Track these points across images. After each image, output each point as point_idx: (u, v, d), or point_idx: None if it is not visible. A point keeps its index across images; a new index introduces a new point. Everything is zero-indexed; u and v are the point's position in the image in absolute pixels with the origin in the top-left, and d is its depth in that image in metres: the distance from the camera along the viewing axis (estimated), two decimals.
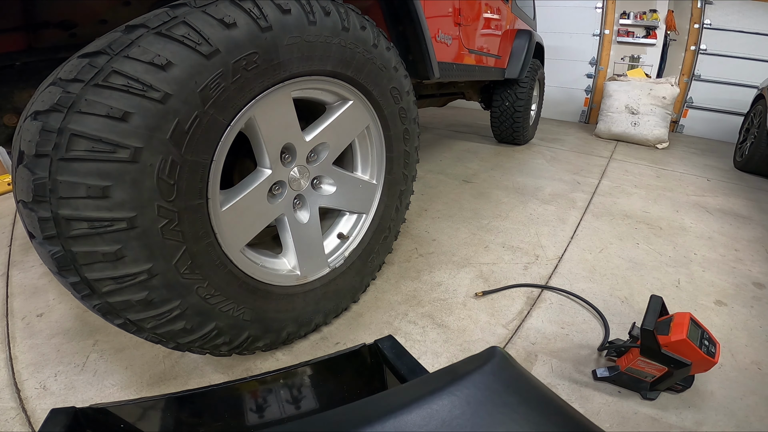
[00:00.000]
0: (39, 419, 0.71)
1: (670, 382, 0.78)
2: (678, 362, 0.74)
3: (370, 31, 0.79)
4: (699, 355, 0.73)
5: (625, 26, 4.41)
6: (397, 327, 0.97)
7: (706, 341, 0.75)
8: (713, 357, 0.73)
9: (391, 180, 0.99)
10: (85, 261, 0.50)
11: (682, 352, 0.74)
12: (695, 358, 0.73)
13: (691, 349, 0.73)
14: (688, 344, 0.73)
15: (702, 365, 0.74)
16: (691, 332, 0.75)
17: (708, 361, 0.73)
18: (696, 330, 0.76)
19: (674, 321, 0.78)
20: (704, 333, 0.77)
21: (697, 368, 0.75)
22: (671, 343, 0.74)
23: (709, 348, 0.75)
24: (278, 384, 0.60)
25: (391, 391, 0.39)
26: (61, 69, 0.50)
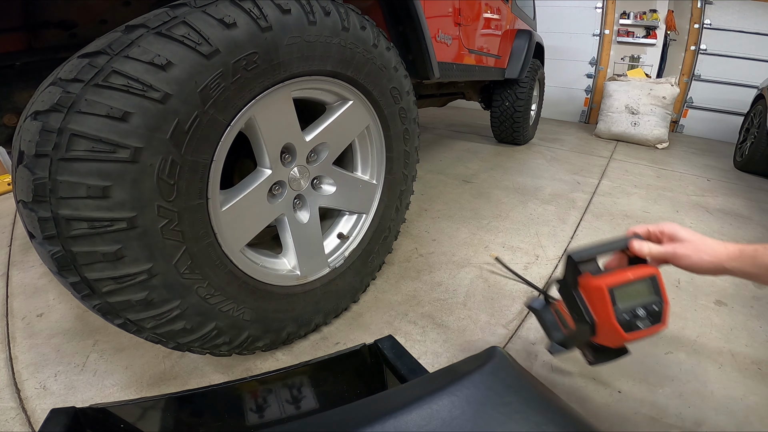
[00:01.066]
0: (39, 419, 0.71)
1: (576, 340, 0.62)
2: (581, 314, 0.57)
3: (370, 31, 0.79)
4: (608, 318, 0.54)
5: (625, 26, 4.41)
6: (397, 327, 0.97)
7: (642, 312, 0.56)
8: (626, 332, 0.55)
9: (391, 180, 0.99)
10: (85, 261, 0.50)
11: (593, 303, 0.57)
12: (602, 319, 0.56)
13: (602, 305, 0.55)
14: (602, 296, 0.55)
15: (609, 334, 0.56)
16: (628, 290, 0.56)
17: (616, 333, 0.55)
18: (643, 293, 0.57)
19: (626, 269, 0.60)
20: (654, 304, 0.57)
21: (604, 336, 0.57)
22: (587, 287, 0.57)
23: (633, 321, 0.55)
24: (278, 384, 0.60)
25: (391, 391, 0.39)
26: (61, 69, 0.50)
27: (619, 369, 0.85)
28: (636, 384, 0.82)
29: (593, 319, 0.57)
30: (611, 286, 0.56)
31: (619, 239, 0.62)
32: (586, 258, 0.60)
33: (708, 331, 1.00)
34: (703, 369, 0.87)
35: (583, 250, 0.59)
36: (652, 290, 0.58)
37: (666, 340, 0.95)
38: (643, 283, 0.58)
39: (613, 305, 0.55)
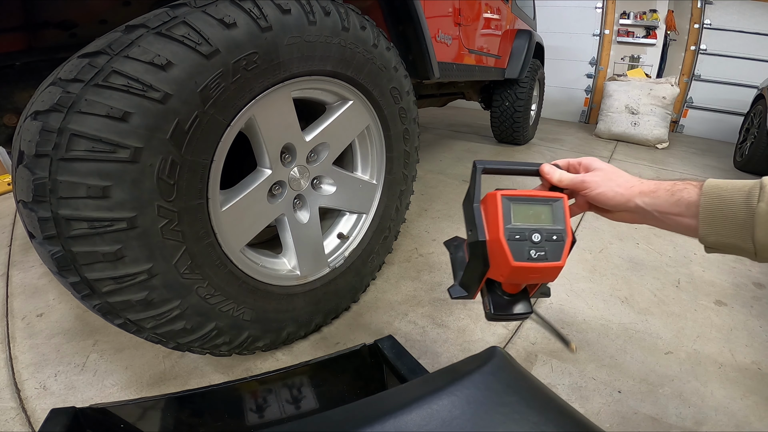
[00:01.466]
0: (39, 419, 0.71)
1: (474, 275, 0.52)
2: (474, 230, 0.49)
3: (370, 31, 0.79)
4: (497, 234, 0.45)
5: (625, 26, 4.41)
6: (397, 327, 0.97)
7: (538, 238, 0.46)
8: (514, 258, 0.44)
9: (391, 180, 0.99)
10: (85, 261, 0.50)
11: (488, 217, 0.48)
12: (492, 236, 0.47)
13: (494, 217, 0.47)
14: (494, 205, 0.47)
15: (498, 259, 0.46)
16: (526, 208, 0.47)
17: (504, 257, 0.45)
18: (544, 218, 0.48)
19: (533, 191, 0.53)
20: (555, 234, 0.46)
21: (494, 265, 0.48)
22: (486, 198, 0.49)
23: (526, 247, 0.45)
24: (278, 384, 0.60)
25: (391, 391, 0.39)
26: (61, 69, 0.50)
27: (619, 369, 0.85)
28: (636, 384, 0.82)
29: (484, 236, 0.48)
30: (507, 196, 0.48)
31: (532, 163, 0.56)
32: (491, 169, 0.53)
33: (708, 331, 1.00)
34: (703, 369, 0.87)
35: (490, 161, 0.53)
36: (554, 217, 0.48)
37: (666, 340, 0.95)
38: (546, 205, 0.49)
39: (506, 221, 0.46)
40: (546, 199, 0.49)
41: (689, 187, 0.47)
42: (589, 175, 0.54)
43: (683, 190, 0.47)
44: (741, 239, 0.43)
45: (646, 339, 0.95)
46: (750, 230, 0.42)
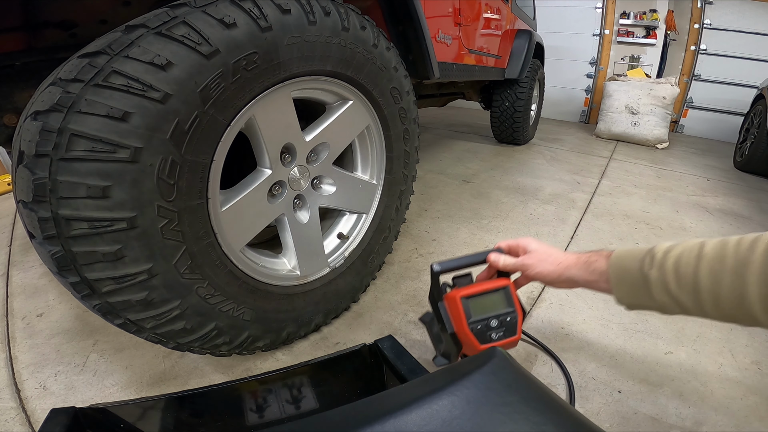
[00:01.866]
0: (39, 419, 0.70)
1: (453, 352, 0.64)
2: (443, 324, 0.62)
3: (370, 31, 0.79)
4: (463, 328, 0.59)
5: (625, 26, 4.41)
6: (397, 327, 0.97)
7: (495, 323, 0.60)
8: (480, 343, 0.59)
9: (391, 180, 0.99)
10: (85, 261, 0.50)
11: (452, 314, 0.62)
12: (459, 329, 0.61)
13: (457, 315, 0.60)
14: (456, 306, 0.60)
15: (467, 345, 0.61)
16: (481, 301, 0.61)
17: (471, 344, 0.59)
18: (497, 305, 0.61)
19: (483, 282, 0.65)
20: (508, 316, 0.61)
21: (466, 347, 0.62)
22: (448, 298, 0.63)
23: (487, 332, 0.59)
24: (278, 384, 0.60)
25: (391, 391, 0.39)
26: (61, 69, 0.50)
27: (619, 369, 0.85)
28: (636, 384, 0.82)
29: (453, 329, 0.61)
30: (465, 297, 0.60)
31: (480, 253, 0.68)
32: (447, 269, 0.64)
33: (708, 331, 1.00)
34: (703, 369, 0.87)
35: (445, 262, 0.64)
36: (505, 302, 0.62)
37: (666, 340, 0.95)
38: (496, 294, 0.62)
39: (467, 316, 0.59)
40: (495, 289, 0.63)
41: (600, 258, 0.58)
42: (526, 258, 0.65)
43: (596, 262, 0.59)
44: (645, 300, 0.52)
45: (646, 339, 0.94)
46: (650, 293, 0.51)
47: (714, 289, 0.46)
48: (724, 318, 0.47)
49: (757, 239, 0.44)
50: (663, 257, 0.51)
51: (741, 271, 0.43)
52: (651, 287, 0.51)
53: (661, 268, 0.50)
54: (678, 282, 0.48)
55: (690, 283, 0.47)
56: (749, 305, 0.43)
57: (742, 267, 0.43)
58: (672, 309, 0.51)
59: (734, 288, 0.44)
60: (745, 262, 0.43)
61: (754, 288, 0.42)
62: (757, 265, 0.42)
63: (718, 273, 0.45)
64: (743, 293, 0.43)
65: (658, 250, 0.52)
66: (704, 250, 0.48)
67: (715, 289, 0.46)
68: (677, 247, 0.51)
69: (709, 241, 0.49)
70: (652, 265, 0.51)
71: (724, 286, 0.45)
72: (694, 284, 0.47)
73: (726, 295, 0.45)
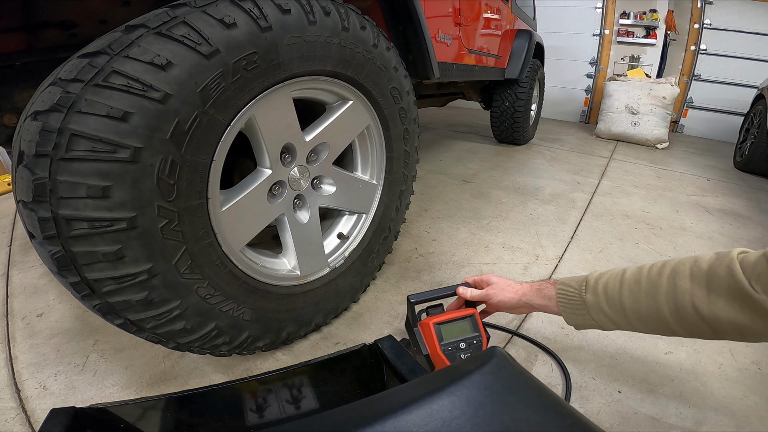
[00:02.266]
0: (39, 419, 0.71)
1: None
2: (418, 347, 0.70)
3: (370, 31, 0.79)
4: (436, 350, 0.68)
5: (625, 26, 4.41)
6: (397, 327, 0.97)
7: (464, 345, 0.69)
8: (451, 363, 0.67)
9: (391, 180, 0.99)
10: (85, 261, 0.50)
11: (426, 338, 0.70)
12: (433, 352, 0.69)
13: (430, 339, 0.69)
14: (429, 331, 0.69)
15: (440, 366, 0.69)
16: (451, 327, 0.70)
17: (444, 364, 0.68)
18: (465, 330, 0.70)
19: (453, 311, 0.74)
20: (474, 339, 0.70)
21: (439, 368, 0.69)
22: (422, 324, 0.72)
23: (456, 353, 0.68)
24: (278, 384, 0.60)
25: (391, 391, 0.39)
26: (61, 69, 0.50)
27: (619, 369, 0.85)
28: (636, 384, 0.82)
29: (427, 351, 0.70)
30: (437, 323, 0.70)
31: (450, 286, 0.80)
32: (422, 300, 0.76)
33: None
34: (703, 369, 0.87)
35: (420, 294, 0.77)
36: (471, 327, 0.72)
37: (666, 340, 0.95)
38: (464, 321, 0.72)
39: (440, 339, 0.69)
40: (463, 317, 0.72)
41: (549, 286, 0.69)
42: (489, 289, 0.76)
43: (545, 289, 0.69)
44: (587, 319, 0.62)
45: (646, 339, 0.94)
46: (589, 314, 0.61)
47: (635, 308, 0.55)
48: (651, 331, 0.55)
49: (665, 265, 0.54)
50: (595, 283, 0.61)
51: (653, 292, 0.53)
52: (588, 308, 0.61)
53: (594, 292, 0.60)
54: (608, 303, 0.58)
55: (617, 304, 0.57)
56: (665, 320, 0.52)
57: (653, 288, 0.53)
58: (608, 326, 0.60)
59: (650, 306, 0.53)
60: (655, 284, 0.53)
61: (664, 305, 0.51)
62: (664, 287, 0.51)
63: (636, 294, 0.55)
64: (658, 310, 0.52)
65: (591, 278, 0.63)
66: (625, 275, 0.58)
67: (636, 307, 0.55)
68: (606, 274, 0.61)
69: (629, 268, 0.59)
70: (587, 290, 0.62)
71: (642, 305, 0.54)
72: (620, 304, 0.56)
73: (645, 312, 0.54)
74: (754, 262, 0.47)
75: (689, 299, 0.49)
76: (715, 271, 0.49)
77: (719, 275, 0.48)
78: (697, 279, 0.49)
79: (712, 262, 0.50)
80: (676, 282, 0.51)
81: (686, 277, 0.50)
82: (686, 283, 0.50)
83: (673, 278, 0.52)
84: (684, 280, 0.50)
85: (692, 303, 0.49)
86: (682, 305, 0.50)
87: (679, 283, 0.51)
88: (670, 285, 0.52)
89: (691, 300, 0.49)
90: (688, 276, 0.50)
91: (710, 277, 0.48)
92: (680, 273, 0.51)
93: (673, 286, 0.51)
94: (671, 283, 0.52)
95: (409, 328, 0.76)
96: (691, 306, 0.49)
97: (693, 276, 0.50)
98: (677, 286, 0.51)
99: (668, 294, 0.52)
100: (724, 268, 0.48)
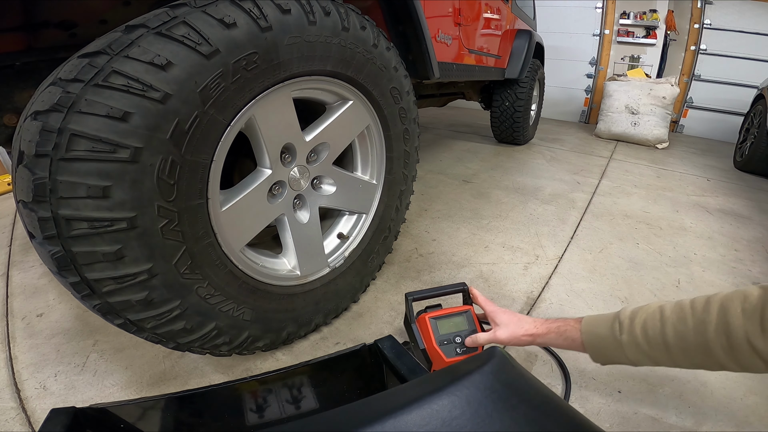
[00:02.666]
0: (39, 419, 0.71)
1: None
2: (415, 342, 0.71)
3: (370, 31, 0.79)
4: (432, 343, 0.69)
5: (625, 26, 4.41)
6: (397, 327, 0.97)
7: (460, 340, 0.70)
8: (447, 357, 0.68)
9: (391, 180, 0.99)
10: (85, 261, 0.50)
11: (423, 333, 0.71)
12: (429, 346, 0.70)
13: (426, 333, 0.70)
14: (425, 325, 0.70)
15: (436, 359, 0.70)
16: (447, 321, 0.71)
17: (439, 357, 0.68)
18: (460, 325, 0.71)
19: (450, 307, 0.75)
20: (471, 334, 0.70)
21: (435, 362, 0.70)
22: (419, 319, 0.73)
23: (452, 347, 0.69)
24: (278, 384, 0.60)
25: (391, 391, 0.39)
26: (61, 69, 0.50)
27: (619, 369, 0.85)
28: (636, 384, 0.82)
29: (423, 346, 0.70)
30: (432, 317, 0.72)
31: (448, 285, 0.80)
32: (420, 297, 0.77)
33: None
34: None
35: (418, 291, 0.78)
36: (467, 323, 0.72)
37: None
38: (460, 316, 0.73)
39: (435, 333, 0.70)
40: (459, 312, 0.73)
41: (571, 327, 0.66)
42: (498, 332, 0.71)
43: (567, 331, 0.67)
44: (621, 358, 0.62)
45: None
46: (623, 353, 0.61)
47: (682, 345, 0.56)
48: (695, 366, 0.56)
49: (710, 301, 0.55)
50: (630, 324, 0.61)
51: (701, 329, 0.54)
52: (624, 349, 0.61)
53: (631, 334, 0.60)
54: (648, 344, 0.58)
55: (660, 343, 0.57)
56: (715, 355, 0.53)
57: (701, 325, 0.54)
58: (645, 363, 0.61)
59: (699, 343, 0.54)
60: (703, 320, 0.54)
61: (715, 341, 0.52)
62: (714, 324, 0.53)
63: (683, 332, 0.56)
64: (707, 346, 0.53)
65: (624, 317, 0.62)
66: (665, 313, 0.58)
67: (682, 345, 0.56)
68: (640, 313, 0.61)
69: (666, 305, 0.60)
70: (622, 331, 0.61)
71: (690, 342, 0.55)
72: (663, 343, 0.57)
73: (693, 348, 0.55)
74: None
75: (743, 336, 0.50)
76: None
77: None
78: (750, 316, 0.50)
79: (764, 299, 0.51)
80: (727, 319, 0.52)
81: (738, 315, 0.51)
82: (738, 320, 0.51)
83: (723, 315, 0.52)
84: (736, 318, 0.51)
85: (747, 340, 0.50)
86: (736, 342, 0.50)
87: (731, 320, 0.51)
88: (720, 322, 0.52)
89: (746, 337, 0.50)
90: (740, 313, 0.51)
91: (764, 314, 0.49)
92: (731, 310, 0.52)
93: (724, 324, 0.52)
94: (722, 321, 0.52)
95: (407, 324, 0.77)
96: (746, 342, 0.50)
97: (745, 313, 0.51)
98: (729, 323, 0.51)
99: (718, 331, 0.52)
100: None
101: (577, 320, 0.67)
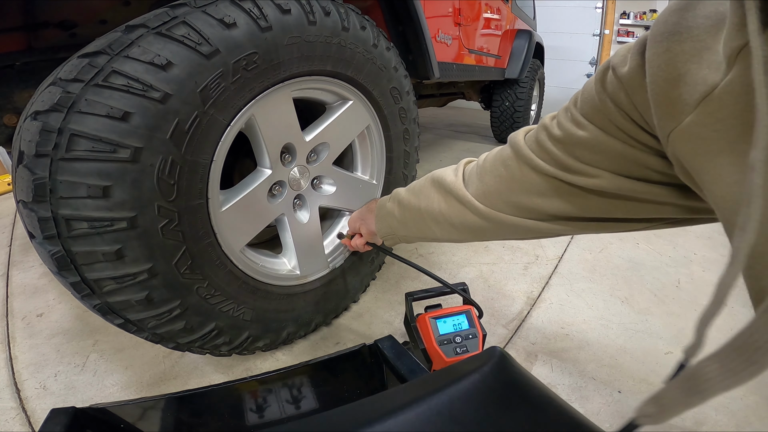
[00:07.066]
0: (39, 419, 0.71)
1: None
2: (415, 342, 0.72)
3: (370, 31, 0.79)
4: (431, 342, 0.69)
5: (625, 26, 4.41)
6: (397, 327, 0.97)
7: (460, 339, 0.70)
8: (447, 357, 0.68)
9: (391, 180, 0.99)
10: (85, 261, 0.50)
11: (423, 332, 0.71)
12: (429, 345, 0.70)
13: (426, 332, 0.70)
14: (425, 324, 0.71)
15: (436, 359, 0.70)
16: (447, 321, 0.71)
17: (439, 357, 0.69)
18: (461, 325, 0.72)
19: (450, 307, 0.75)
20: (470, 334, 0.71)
21: (435, 362, 0.71)
22: (419, 319, 0.73)
23: (452, 347, 0.69)
24: (278, 384, 0.60)
25: (391, 391, 0.39)
26: (61, 69, 0.50)
27: (619, 369, 0.85)
28: (636, 384, 0.82)
29: (423, 345, 0.71)
30: (433, 317, 0.72)
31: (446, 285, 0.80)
32: (420, 297, 0.78)
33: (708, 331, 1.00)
34: None
35: (418, 291, 0.80)
36: (467, 322, 0.73)
37: (666, 340, 0.95)
38: (460, 316, 0.73)
39: (435, 332, 0.70)
40: (459, 312, 0.74)
41: (372, 203, 0.78)
42: (351, 225, 0.85)
43: (371, 203, 0.79)
44: (394, 228, 0.70)
45: (646, 339, 0.95)
46: (394, 219, 0.69)
47: (426, 204, 0.64)
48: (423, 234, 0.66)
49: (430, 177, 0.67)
50: (396, 193, 0.70)
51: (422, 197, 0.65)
52: (395, 217, 0.68)
53: (394, 201, 0.69)
54: (402, 207, 0.67)
55: (413, 206, 0.66)
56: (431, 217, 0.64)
57: (420, 193, 0.65)
58: (400, 230, 0.69)
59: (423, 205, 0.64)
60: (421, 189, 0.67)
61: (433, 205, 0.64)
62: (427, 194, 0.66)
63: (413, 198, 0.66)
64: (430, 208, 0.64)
65: (401, 189, 0.70)
66: (415, 184, 0.68)
67: (427, 203, 0.64)
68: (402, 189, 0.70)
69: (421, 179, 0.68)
70: (390, 198, 0.70)
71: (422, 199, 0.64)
72: (417, 207, 0.65)
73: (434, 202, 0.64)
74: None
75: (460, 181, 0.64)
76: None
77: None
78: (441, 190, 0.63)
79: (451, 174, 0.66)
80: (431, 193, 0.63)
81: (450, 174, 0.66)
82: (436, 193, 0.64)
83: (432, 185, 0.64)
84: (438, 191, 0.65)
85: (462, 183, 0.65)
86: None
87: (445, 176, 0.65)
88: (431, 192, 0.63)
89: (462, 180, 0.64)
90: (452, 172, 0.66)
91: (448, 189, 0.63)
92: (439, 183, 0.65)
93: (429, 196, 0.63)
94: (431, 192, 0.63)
95: (407, 324, 0.78)
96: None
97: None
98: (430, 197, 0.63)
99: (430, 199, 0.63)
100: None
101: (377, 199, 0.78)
